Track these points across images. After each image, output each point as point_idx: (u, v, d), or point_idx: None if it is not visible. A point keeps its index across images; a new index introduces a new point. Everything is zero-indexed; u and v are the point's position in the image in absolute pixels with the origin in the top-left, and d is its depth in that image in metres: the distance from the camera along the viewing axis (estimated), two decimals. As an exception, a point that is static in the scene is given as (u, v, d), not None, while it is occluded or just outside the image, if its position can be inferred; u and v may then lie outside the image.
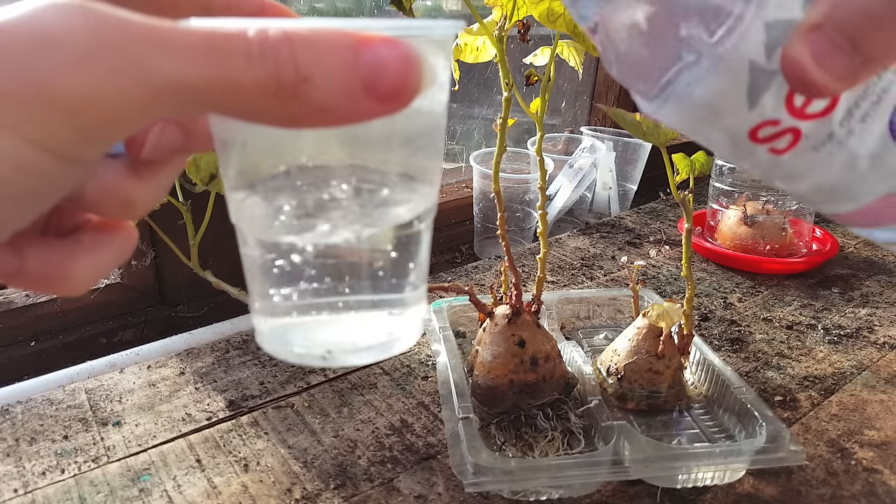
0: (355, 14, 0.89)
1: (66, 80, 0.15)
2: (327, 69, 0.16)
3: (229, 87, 0.16)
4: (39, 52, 0.14)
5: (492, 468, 0.41)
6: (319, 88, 0.16)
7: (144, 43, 0.15)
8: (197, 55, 0.15)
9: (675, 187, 0.48)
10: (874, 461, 0.48)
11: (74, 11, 0.15)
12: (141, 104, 0.15)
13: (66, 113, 0.15)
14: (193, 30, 0.16)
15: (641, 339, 0.50)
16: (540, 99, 0.47)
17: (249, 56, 0.16)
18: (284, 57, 0.16)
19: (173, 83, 0.15)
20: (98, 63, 0.15)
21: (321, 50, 0.16)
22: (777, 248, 0.80)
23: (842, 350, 0.63)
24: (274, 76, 0.16)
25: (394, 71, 0.17)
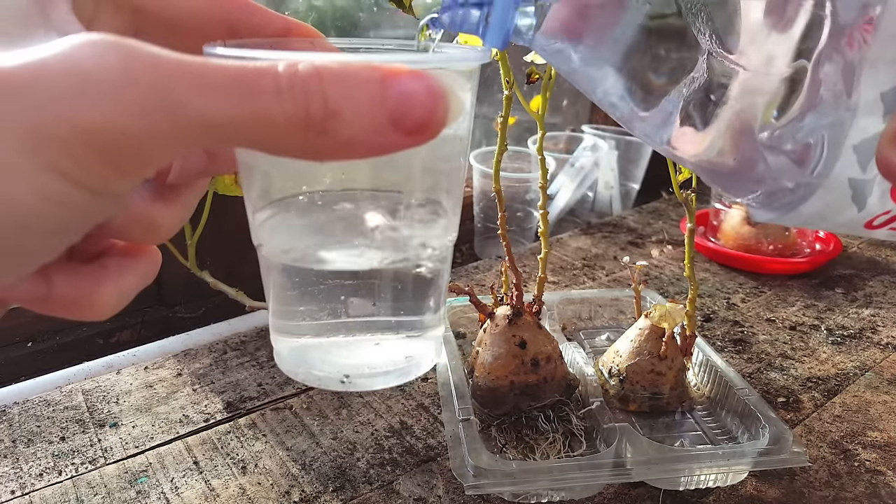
0: (354, 11, 0.89)
1: (99, 117, 0.15)
2: (356, 103, 0.17)
3: (259, 123, 0.16)
4: (75, 88, 0.15)
5: (492, 470, 0.40)
6: (348, 123, 0.17)
7: (176, 79, 0.15)
8: (228, 92, 0.16)
9: (678, 186, 0.47)
10: (877, 462, 0.48)
11: (109, 48, 0.15)
12: (172, 140, 0.16)
13: (99, 148, 0.15)
14: (224, 66, 0.16)
15: (644, 340, 0.50)
16: (541, 97, 0.47)
17: (279, 92, 0.16)
18: (314, 92, 0.16)
19: (204, 120, 0.16)
20: (130, 100, 0.15)
21: (349, 84, 0.17)
22: (780, 247, 0.79)
23: (845, 351, 0.62)
24: (303, 112, 0.16)
25: (421, 104, 0.17)
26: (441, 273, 0.29)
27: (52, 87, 0.15)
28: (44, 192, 0.15)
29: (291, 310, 0.29)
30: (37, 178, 0.15)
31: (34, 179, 0.15)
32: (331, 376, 0.29)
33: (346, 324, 0.28)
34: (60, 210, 0.16)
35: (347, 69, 0.17)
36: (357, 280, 0.27)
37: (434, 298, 0.29)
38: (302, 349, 0.29)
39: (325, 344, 0.29)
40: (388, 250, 0.27)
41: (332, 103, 0.16)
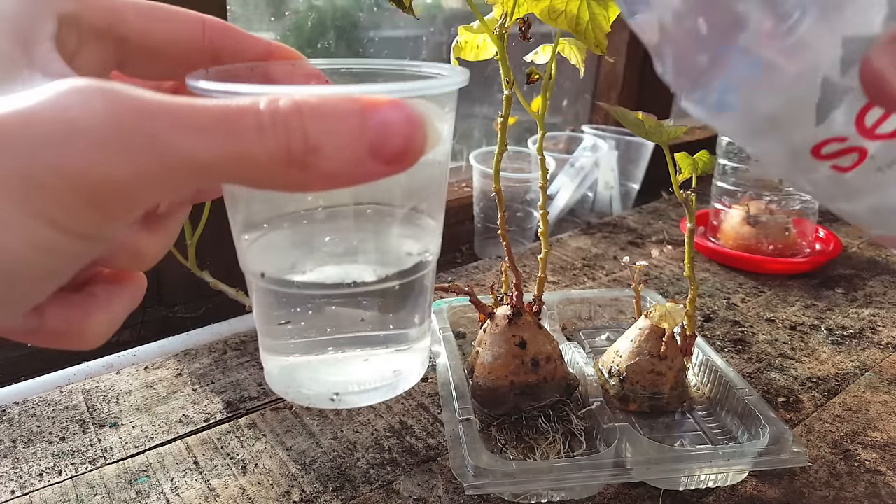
0: (354, 11, 0.89)
1: (86, 164, 0.15)
2: (336, 137, 0.17)
3: (243, 162, 0.16)
4: (61, 136, 0.15)
5: (492, 470, 0.40)
6: (329, 157, 0.17)
7: (161, 122, 0.16)
8: (212, 132, 0.16)
9: (678, 186, 0.47)
10: (877, 462, 0.48)
11: (94, 94, 0.15)
12: (158, 182, 0.16)
13: (87, 195, 0.15)
14: (208, 106, 0.16)
15: (644, 340, 0.50)
16: (541, 97, 0.47)
17: (261, 129, 0.16)
18: (294, 128, 0.17)
19: (189, 161, 0.16)
20: (116, 144, 0.15)
21: (329, 118, 0.17)
22: (780, 247, 0.79)
23: (845, 351, 0.62)
24: (285, 149, 0.16)
25: (400, 134, 0.17)
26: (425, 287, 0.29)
27: (40, 135, 0.15)
28: (33, 240, 0.15)
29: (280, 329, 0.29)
30: (26, 227, 0.15)
31: (23, 228, 0.15)
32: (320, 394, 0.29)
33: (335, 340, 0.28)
34: (50, 257, 0.16)
35: (327, 103, 0.17)
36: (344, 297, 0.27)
37: (420, 311, 0.30)
38: (291, 368, 0.30)
39: (313, 362, 0.29)
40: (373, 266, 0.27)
41: (312, 138, 0.17)
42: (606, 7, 0.42)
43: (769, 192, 0.82)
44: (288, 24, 0.84)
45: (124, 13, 0.22)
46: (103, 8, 0.21)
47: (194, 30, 0.24)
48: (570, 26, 0.42)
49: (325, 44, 0.87)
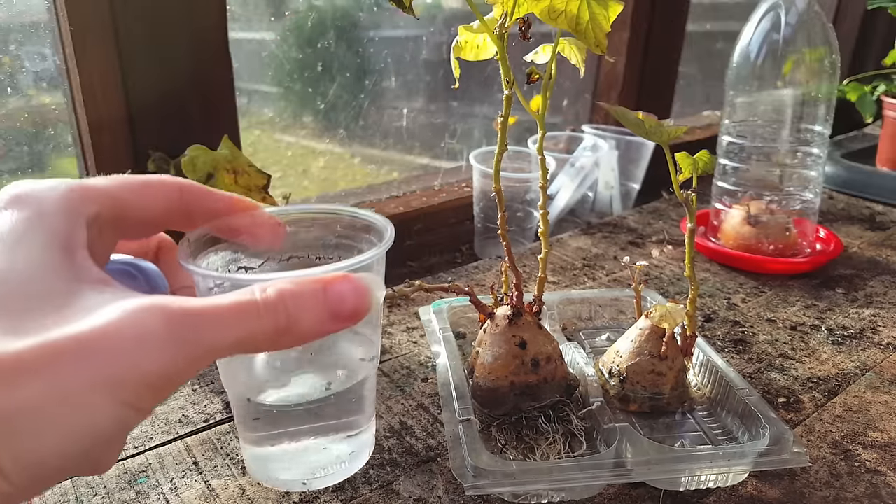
0: (354, 11, 0.89)
1: (154, 366, 0.21)
2: (307, 311, 0.24)
3: (248, 339, 0.23)
4: (135, 344, 0.21)
5: (492, 471, 0.40)
6: (302, 324, 0.24)
7: (198, 323, 0.22)
8: (229, 324, 0.23)
9: (678, 186, 0.47)
10: (878, 463, 0.48)
11: (154, 311, 0.21)
12: (197, 366, 0.22)
13: (153, 386, 0.21)
14: (223, 305, 0.23)
15: (644, 340, 0.50)
16: (541, 97, 0.47)
17: (259, 316, 0.23)
18: (280, 311, 0.24)
19: (217, 347, 0.23)
20: (172, 346, 0.21)
21: (302, 298, 0.24)
22: (781, 247, 0.79)
23: (846, 351, 0.62)
24: (274, 325, 0.24)
25: (350, 300, 0.25)
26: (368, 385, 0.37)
27: (120, 345, 0.21)
28: (116, 417, 0.21)
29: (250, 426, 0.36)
30: (113, 411, 0.21)
31: (111, 411, 0.21)
32: (293, 481, 0.36)
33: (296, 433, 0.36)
34: (122, 427, 0.22)
35: (300, 286, 0.24)
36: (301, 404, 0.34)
37: (367, 403, 0.37)
38: (264, 459, 0.37)
39: (278, 454, 0.36)
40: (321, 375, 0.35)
41: (292, 315, 0.24)
42: (606, 7, 0.42)
43: (770, 192, 0.81)
44: (288, 24, 0.84)
45: (125, 199, 0.27)
46: (111, 199, 0.27)
47: (174, 197, 0.29)
48: (571, 26, 0.42)
49: (325, 44, 0.87)
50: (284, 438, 0.36)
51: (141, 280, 0.31)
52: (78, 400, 0.20)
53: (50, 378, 0.20)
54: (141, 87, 0.62)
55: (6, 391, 0.19)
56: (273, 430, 0.36)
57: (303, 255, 0.37)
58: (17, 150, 0.65)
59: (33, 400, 0.19)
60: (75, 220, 0.24)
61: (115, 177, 0.27)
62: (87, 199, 0.25)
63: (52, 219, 0.24)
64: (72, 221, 0.24)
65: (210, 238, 0.32)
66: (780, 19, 0.77)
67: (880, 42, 1.50)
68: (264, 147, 0.89)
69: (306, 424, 0.35)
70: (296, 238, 0.36)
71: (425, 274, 0.85)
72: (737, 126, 0.82)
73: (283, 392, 0.35)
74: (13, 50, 0.62)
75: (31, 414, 0.19)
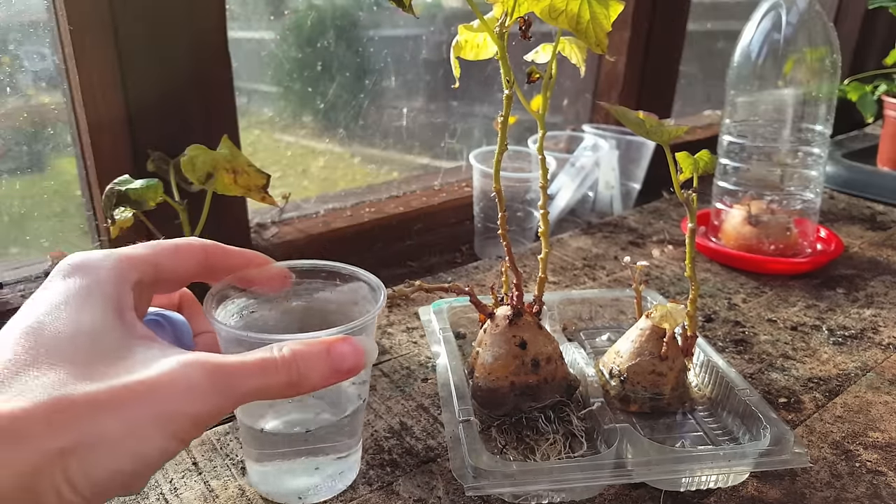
0: (354, 10, 0.89)
1: (198, 410, 0.27)
2: (314, 369, 0.30)
3: (267, 389, 0.29)
4: (184, 391, 0.26)
5: (492, 471, 0.40)
6: (310, 378, 0.30)
7: (231, 375, 0.28)
8: (254, 377, 0.28)
9: (679, 186, 0.47)
10: (879, 463, 0.47)
11: (198, 365, 0.27)
12: (228, 409, 0.28)
13: (195, 423, 0.27)
14: (250, 361, 0.29)
15: (644, 340, 0.50)
16: (541, 96, 0.47)
17: (277, 371, 0.29)
18: (293, 368, 0.30)
19: (244, 395, 0.28)
20: (212, 395, 0.27)
21: (310, 357, 0.30)
22: (781, 248, 0.79)
23: (846, 351, 0.62)
24: (287, 380, 0.29)
25: (350, 359, 0.31)
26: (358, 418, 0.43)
27: (174, 392, 0.26)
28: (162, 448, 0.26)
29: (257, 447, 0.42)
30: (161, 442, 0.26)
31: (160, 443, 0.26)
32: (290, 494, 0.42)
33: (292, 453, 0.41)
34: (166, 454, 0.27)
35: (310, 347, 0.30)
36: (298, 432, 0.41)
37: (354, 429, 0.43)
38: (265, 474, 0.43)
39: (276, 472, 0.42)
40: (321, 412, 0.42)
41: (302, 371, 0.30)
42: (607, 6, 0.41)
43: (770, 192, 0.81)
44: (287, 24, 0.84)
45: (161, 264, 0.33)
46: (150, 265, 0.32)
47: (200, 258, 0.35)
48: (571, 25, 0.42)
49: (325, 43, 0.87)
50: (280, 457, 0.42)
51: (168, 329, 0.36)
52: (141, 433, 0.25)
53: (122, 414, 0.25)
54: (140, 86, 0.61)
55: (87, 425, 0.24)
56: (272, 449, 0.42)
57: (306, 300, 0.43)
58: (16, 150, 0.65)
59: (109, 431, 0.25)
60: (124, 286, 0.30)
61: (152, 244, 0.33)
62: (132, 267, 0.31)
63: (106, 286, 0.29)
64: (121, 287, 0.30)
65: (228, 288, 0.39)
66: (781, 19, 0.76)
67: (881, 42, 1.50)
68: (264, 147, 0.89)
69: (303, 447, 0.41)
70: (299, 287, 0.43)
71: (425, 274, 0.85)
72: (737, 126, 0.82)
73: (284, 419, 0.41)
74: (12, 49, 0.62)
75: (106, 442, 0.25)
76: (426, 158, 1.04)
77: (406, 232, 0.89)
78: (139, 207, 0.55)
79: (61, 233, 0.69)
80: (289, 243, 0.78)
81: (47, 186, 0.68)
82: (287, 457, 0.41)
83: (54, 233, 0.68)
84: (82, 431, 0.24)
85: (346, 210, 0.88)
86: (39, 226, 0.68)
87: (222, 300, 0.39)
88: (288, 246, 0.77)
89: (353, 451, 0.43)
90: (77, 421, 0.24)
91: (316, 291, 0.43)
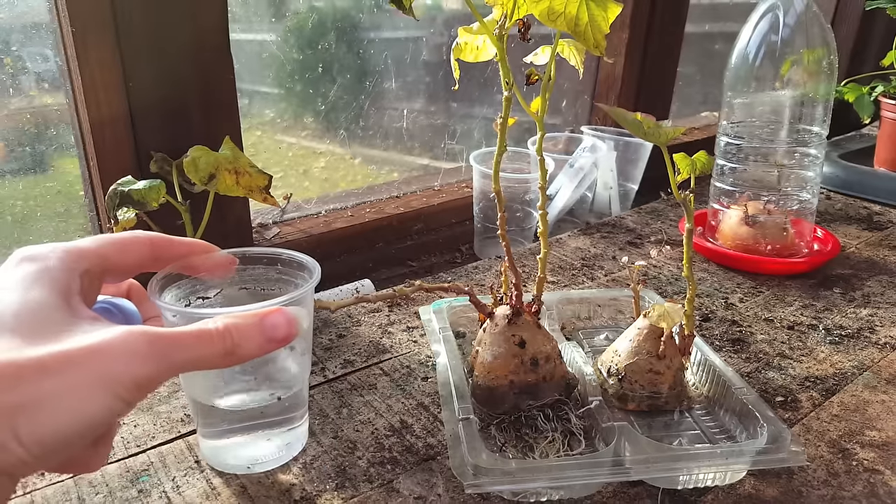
0: (355, 12, 0.89)
1: (140, 371, 0.28)
2: (248, 337, 0.32)
3: (205, 358, 0.31)
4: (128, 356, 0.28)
5: (492, 469, 0.40)
6: (245, 347, 0.32)
7: (173, 347, 0.29)
8: (194, 347, 0.30)
9: (677, 187, 0.48)
10: (875, 462, 0.48)
11: (139, 334, 0.28)
12: (167, 375, 0.29)
13: (138, 384, 0.28)
14: (187, 332, 0.30)
15: (642, 339, 0.50)
16: (540, 98, 0.47)
17: (213, 342, 0.31)
18: (227, 338, 0.31)
19: (182, 363, 0.30)
20: (152, 359, 0.28)
21: (244, 328, 0.32)
22: (778, 248, 0.79)
23: (843, 350, 0.62)
24: (222, 349, 0.31)
25: (283, 327, 0.33)
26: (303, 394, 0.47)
27: (115, 356, 0.28)
28: (105, 407, 0.27)
29: (204, 423, 0.45)
30: (104, 402, 0.27)
31: (102, 403, 0.27)
32: (239, 465, 0.45)
33: (246, 428, 0.45)
34: (110, 414, 0.27)
35: (244, 320, 0.32)
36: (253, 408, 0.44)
37: (302, 403, 0.47)
38: (217, 449, 0.46)
39: (231, 445, 0.45)
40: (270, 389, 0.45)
41: (237, 340, 0.31)
42: (605, 8, 0.42)
43: (767, 193, 0.82)
44: (288, 26, 0.85)
45: (108, 256, 0.35)
46: (98, 257, 0.34)
47: (146, 251, 0.37)
48: (570, 27, 0.42)
49: (326, 45, 0.87)
50: (235, 433, 0.45)
51: (118, 315, 0.38)
52: (84, 393, 0.27)
53: (66, 375, 0.26)
54: (142, 87, 0.62)
55: (33, 386, 0.26)
56: (227, 426, 0.45)
57: (251, 286, 0.46)
58: (18, 151, 0.66)
59: (52, 391, 0.26)
60: (72, 273, 0.32)
61: (99, 237, 0.35)
62: (80, 258, 0.33)
63: (54, 272, 0.31)
64: (69, 275, 0.32)
65: (174, 275, 0.41)
66: (778, 20, 0.77)
67: (878, 43, 1.51)
68: (265, 148, 0.89)
69: (250, 423, 0.45)
70: (244, 273, 0.46)
71: (425, 274, 0.85)
72: (735, 127, 0.83)
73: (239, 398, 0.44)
74: (15, 51, 0.63)
75: (51, 402, 0.26)
76: (426, 159, 1.04)
77: (406, 232, 0.89)
78: (142, 208, 0.55)
79: (64, 233, 0.69)
80: (290, 243, 0.79)
81: (50, 187, 0.68)
82: (241, 431, 0.45)
83: (57, 233, 0.69)
84: (28, 392, 0.25)
85: (346, 210, 0.89)
86: (42, 226, 0.68)
87: (168, 286, 0.41)
88: (289, 246, 0.77)
89: (300, 423, 0.47)
90: (23, 382, 0.26)
91: (262, 276, 0.46)
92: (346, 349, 0.60)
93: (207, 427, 0.45)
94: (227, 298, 0.45)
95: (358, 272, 0.84)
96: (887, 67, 1.16)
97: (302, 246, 0.78)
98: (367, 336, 0.63)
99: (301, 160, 0.93)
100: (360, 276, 0.78)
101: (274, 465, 0.46)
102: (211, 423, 0.45)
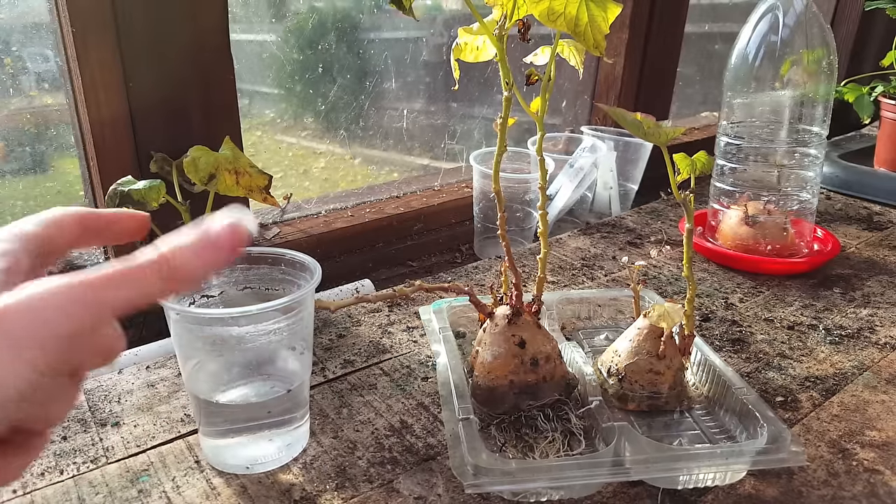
0: (355, 13, 0.89)
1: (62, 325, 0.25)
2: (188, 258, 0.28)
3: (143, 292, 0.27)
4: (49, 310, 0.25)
5: (492, 469, 0.40)
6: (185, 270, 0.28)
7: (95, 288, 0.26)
8: (123, 283, 0.27)
9: (676, 187, 0.48)
10: (875, 462, 0.48)
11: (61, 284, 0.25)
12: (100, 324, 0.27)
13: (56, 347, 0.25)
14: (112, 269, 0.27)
15: (642, 339, 0.50)
16: (540, 98, 0.47)
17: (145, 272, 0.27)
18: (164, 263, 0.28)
19: (119, 305, 0.26)
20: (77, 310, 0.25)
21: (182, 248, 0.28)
22: (778, 248, 0.79)
23: (843, 350, 0.62)
24: (158, 276, 0.27)
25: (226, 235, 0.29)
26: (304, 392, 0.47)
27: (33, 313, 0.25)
28: (22, 375, 0.25)
29: (207, 421, 0.45)
30: (19, 368, 0.24)
31: (19, 369, 0.24)
32: (238, 465, 0.45)
33: (248, 428, 0.44)
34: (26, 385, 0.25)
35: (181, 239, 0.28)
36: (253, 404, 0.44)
37: (303, 403, 0.47)
38: (219, 448, 0.45)
39: (233, 444, 0.45)
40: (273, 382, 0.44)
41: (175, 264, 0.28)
42: (605, 8, 0.42)
43: (767, 193, 0.82)
44: (289, 26, 0.85)
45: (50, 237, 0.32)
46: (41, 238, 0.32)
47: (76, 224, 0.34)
48: (569, 28, 0.42)
49: (326, 45, 0.87)
50: (237, 433, 0.44)
51: None
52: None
53: None
54: (143, 88, 0.62)
55: None
56: (230, 424, 0.44)
57: (255, 286, 0.46)
58: (19, 151, 0.66)
59: None
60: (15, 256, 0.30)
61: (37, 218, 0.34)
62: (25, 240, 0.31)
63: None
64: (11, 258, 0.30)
65: None
66: (778, 21, 0.77)
67: (878, 43, 1.51)
68: (265, 148, 0.89)
69: (255, 423, 0.44)
70: (248, 273, 0.45)
71: (425, 274, 0.85)
72: (735, 127, 0.83)
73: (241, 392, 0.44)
74: (15, 51, 0.63)
75: None
76: (426, 159, 1.04)
77: (406, 232, 0.89)
78: (142, 208, 0.55)
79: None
80: (290, 243, 0.79)
81: (50, 187, 0.68)
82: (244, 431, 0.45)
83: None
84: None
85: (346, 210, 0.89)
86: (42, 226, 0.68)
87: None
88: (289, 246, 0.77)
89: (301, 423, 0.47)
90: None
91: (266, 276, 0.46)
92: (346, 349, 0.60)
93: (210, 426, 0.45)
94: (231, 298, 0.46)
95: (358, 272, 0.84)
96: (887, 67, 1.16)
97: (302, 246, 0.78)
98: (367, 336, 0.63)
99: (301, 160, 0.93)
100: (360, 276, 0.78)
101: (274, 466, 0.45)
102: (213, 422, 0.45)
